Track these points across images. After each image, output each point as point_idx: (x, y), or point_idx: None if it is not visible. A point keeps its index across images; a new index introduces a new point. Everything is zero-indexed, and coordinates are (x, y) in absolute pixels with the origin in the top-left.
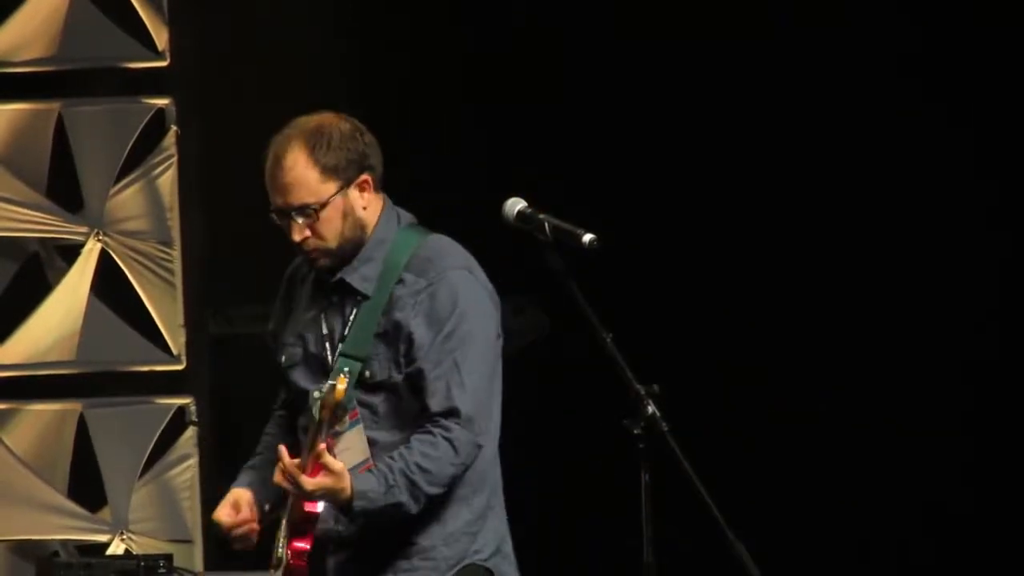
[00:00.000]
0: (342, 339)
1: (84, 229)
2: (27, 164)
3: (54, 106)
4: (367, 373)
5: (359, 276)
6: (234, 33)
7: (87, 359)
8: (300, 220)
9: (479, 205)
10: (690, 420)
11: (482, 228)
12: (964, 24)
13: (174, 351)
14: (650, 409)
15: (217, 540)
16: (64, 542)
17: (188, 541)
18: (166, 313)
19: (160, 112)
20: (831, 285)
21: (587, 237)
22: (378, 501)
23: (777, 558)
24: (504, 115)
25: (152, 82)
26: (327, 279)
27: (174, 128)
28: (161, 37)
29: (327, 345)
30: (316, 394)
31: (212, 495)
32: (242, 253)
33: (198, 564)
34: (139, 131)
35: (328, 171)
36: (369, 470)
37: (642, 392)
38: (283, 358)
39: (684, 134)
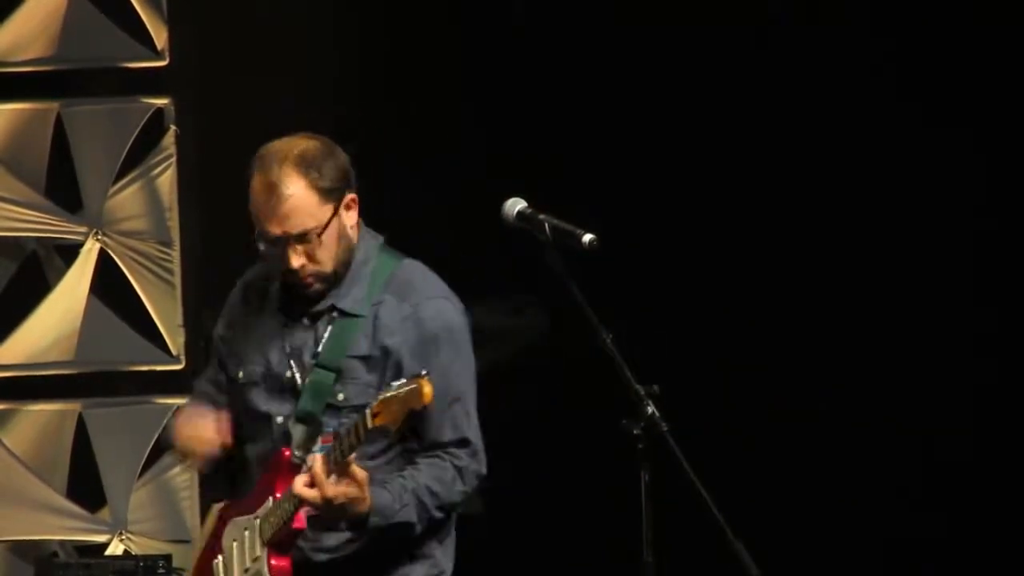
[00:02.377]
0: (314, 356)
1: (83, 229)
2: (26, 164)
3: (53, 106)
4: (340, 396)
5: (351, 300)
6: (233, 33)
7: (86, 359)
8: (299, 247)
9: (479, 205)
10: (690, 420)
11: (482, 228)
12: (963, 24)
13: (173, 351)
14: (650, 409)
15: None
16: (63, 542)
17: (187, 541)
18: (165, 313)
19: (159, 112)
20: (831, 284)
21: (587, 237)
22: (391, 518)
23: (777, 558)
24: (504, 114)
25: (151, 82)
26: (306, 301)
27: (173, 128)
28: (160, 37)
29: (291, 364)
30: (388, 393)
31: (211, 495)
32: (241, 253)
33: None
34: (138, 131)
35: (325, 194)
36: (382, 486)
37: (642, 392)
38: (241, 373)
39: (684, 133)
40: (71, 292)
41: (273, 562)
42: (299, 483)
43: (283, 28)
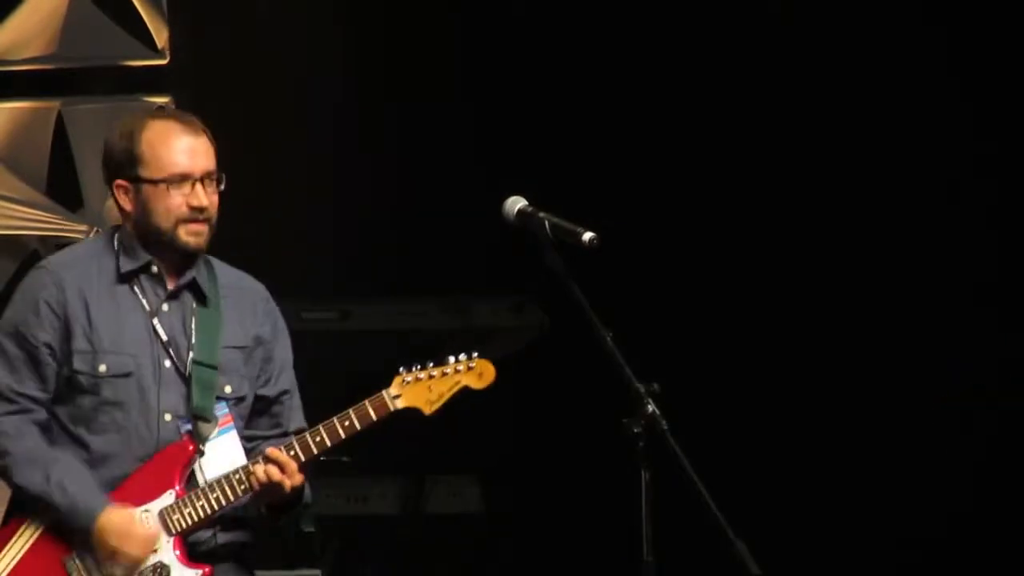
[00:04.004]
0: (191, 348)
1: (83, 227)
2: (27, 162)
3: (54, 104)
4: (227, 388)
5: (204, 279)
6: (233, 31)
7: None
8: (209, 188)
9: (479, 204)
10: (690, 419)
11: (482, 226)
12: (963, 23)
13: None
14: (650, 408)
15: None
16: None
17: None
18: None
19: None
20: (831, 284)
21: (587, 235)
22: (306, 499)
23: (777, 557)
24: (504, 114)
25: (152, 81)
26: (160, 283)
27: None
28: (161, 36)
29: (170, 352)
30: (407, 378)
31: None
32: (240, 251)
33: None
34: None
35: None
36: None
37: (642, 391)
38: (103, 367)
39: (684, 133)
40: None
41: (178, 552)
42: (275, 471)
43: (283, 27)
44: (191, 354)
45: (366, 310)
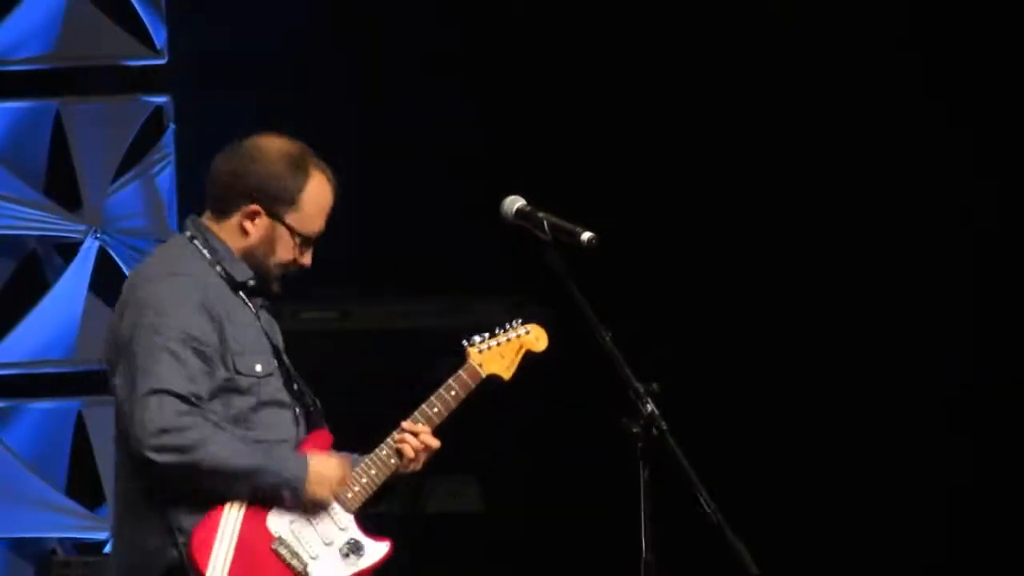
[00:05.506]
0: (279, 349)
1: (82, 227)
2: (25, 162)
3: (53, 104)
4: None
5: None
6: (232, 31)
7: (85, 357)
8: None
9: (478, 203)
10: (689, 419)
11: (481, 226)
12: (963, 23)
13: None
14: (649, 407)
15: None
16: (62, 540)
17: None
18: None
19: (159, 110)
20: (831, 283)
21: (586, 235)
22: None
23: (776, 557)
24: (504, 113)
25: (150, 80)
26: (264, 293)
27: (172, 126)
28: (159, 35)
29: (276, 352)
30: (480, 344)
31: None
32: None
33: None
34: (137, 129)
35: None
36: None
37: (641, 390)
38: (259, 367)
39: (683, 132)
40: (70, 290)
41: (361, 528)
42: (425, 439)
43: (282, 26)
44: (281, 352)
45: (366, 310)
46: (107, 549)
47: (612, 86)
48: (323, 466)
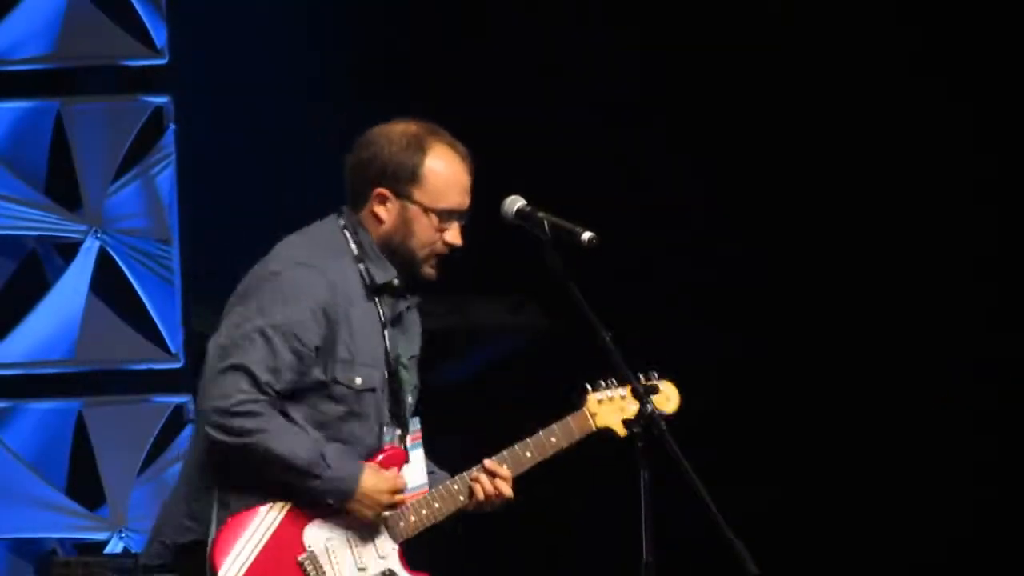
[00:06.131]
0: (397, 359)
1: (83, 227)
2: (25, 162)
3: (53, 104)
4: (410, 399)
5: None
6: (232, 30)
7: (85, 357)
8: (460, 224)
9: (478, 203)
10: (689, 419)
11: (481, 226)
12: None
13: (172, 349)
14: (649, 407)
15: None
16: (62, 540)
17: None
18: (164, 311)
19: (159, 110)
20: (832, 283)
21: (586, 235)
22: None
23: (776, 557)
24: (504, 113)
25: (151, 80)
26: (391, 299)
27: (173, 126)
28: (159, 35)
29: (391, 364)
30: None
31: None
32: (240, 251)
33: None
34: (138, 129)
35: None
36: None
37: (641, 391)
38: (359, 379)
39: (683, 132)
40: (70, 290)
41: (402, 560)
42: (499, 484)
43: (282, 26)
44: (398, 365)
45: None
46: (107, 549)
47: (613, 86)
48: (376, 481)
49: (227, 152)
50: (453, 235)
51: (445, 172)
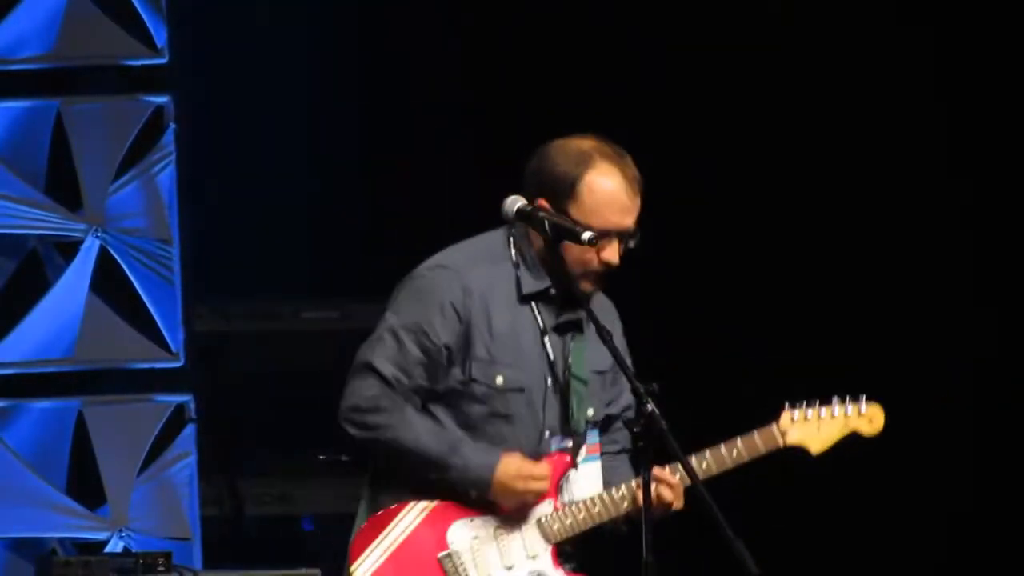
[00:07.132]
0: (566, 368)
1: (83, 226)
2: (26, 161)
3: (53, 103)
4: (590, 411)
5: (600, 312)
6: (233, 30)
7: (86, 357)
8: (621, 244)
9: (479, 203)
10: (689, 418)
11: (481, 226)
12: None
13: (172, 348)
14: (649, 407)
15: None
16: (62, 539)
17: (187, 539)
18: (165, 310)
19: (159, 109)
20: (832, 283)
21: (586, 235)
22: None
23: (776, 557)
24: (504, 113)
25: (151, 80)
26: (558, 310)
27: (173, 125)
28: (160, 35)
29: (554, 371)
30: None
31: (211, 493)
32: (240, 250)
33: (197, 562)
34: (138, 128)
35: None
36: None
37: (641, 390)
38: (500, 380)
39: (683, 132)
40: (71, 289)
41: (554, 561)
42: (665, 492)
43: (282, 26)
44: (568, 374)
45: (366, 310)
46: (107, 548)
47: (613, 85)
48: (515, 467)
49: (227, 152)
50: (609, 254)
51: (602, 190)
